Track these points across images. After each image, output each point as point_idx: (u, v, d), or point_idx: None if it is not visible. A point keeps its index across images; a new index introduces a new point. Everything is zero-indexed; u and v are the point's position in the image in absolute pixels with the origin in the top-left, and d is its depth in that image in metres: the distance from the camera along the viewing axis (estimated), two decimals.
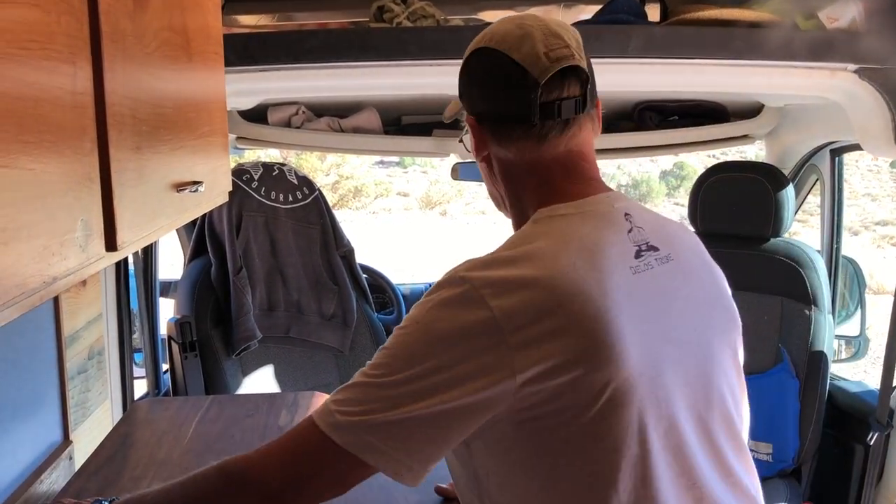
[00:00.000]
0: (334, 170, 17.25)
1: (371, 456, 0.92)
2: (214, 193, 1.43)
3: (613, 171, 18.91)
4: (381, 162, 19.05)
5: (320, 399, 1.75)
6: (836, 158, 2.61)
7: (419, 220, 16.63)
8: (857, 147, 2.47)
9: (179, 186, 1.18)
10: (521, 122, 1.04)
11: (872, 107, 1.84)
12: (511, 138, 1.06)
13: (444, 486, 1.42)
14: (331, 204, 2.57)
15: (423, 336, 0.94)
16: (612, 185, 1.15)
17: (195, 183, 1.22)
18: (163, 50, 1.11)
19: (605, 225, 1.01)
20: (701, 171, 2.86)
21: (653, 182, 18.38)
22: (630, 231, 1.02)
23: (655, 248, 1.02)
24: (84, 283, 1.76)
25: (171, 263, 3.14)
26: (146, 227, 1.04)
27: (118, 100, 0.92)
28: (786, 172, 2.68)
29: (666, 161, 18.59)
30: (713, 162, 2.86)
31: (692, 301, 1.04)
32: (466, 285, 0.93)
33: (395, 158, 18.80)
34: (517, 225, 1.09)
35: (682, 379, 0.99)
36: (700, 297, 1.06)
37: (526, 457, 0.94)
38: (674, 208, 17.27)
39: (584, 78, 1.05)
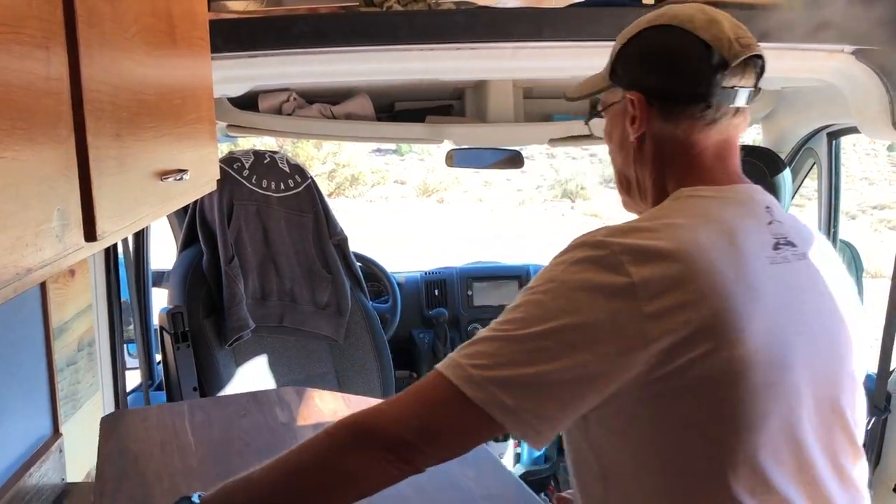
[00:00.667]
0: (331, 158, 17.17)
1: (500, 413, 0.91)
2: (202, 182, 1.41)
3: (605, 156, 18.82)
4: (378, 150, 18.98)
5: (309, 393, 1.72)
6: (834, 142, 2.59)
7: (416, 208, 16.59)
8: (854, 130, 2.45)
9: (164, 174, 1.15)
10: (697, 101, 1.04)
11: (870, 89, 1.82)
12: (682, 117, 1.05)
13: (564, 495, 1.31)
14: (327, 192, 2.55)
15: (561, 292, 0.93)
16: (609, 172, 1.15)
17: (180, 171, 1.20)
18: (144, 35, 1.08)
19: (746, 213, 1.02)
20: None
21: None
22: (770, 223, 1.03)
23: (793, 244, 1.02)
24: (72, 273, 1.74)
25: (167, 252, 3.12)
26: (128, 216, 1.01)
27: (96, 86, 0.90)
28: (782, 156, 2.66)
29: None
30: None
31: (825, 302, 1.04)
32: (606, 250, 0.93)
33: (392, 146, 18.72)
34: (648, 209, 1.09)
35: (810, 376, 0.98)
36: (831, 301, 1.05)
37: (645, 434, 0.94)
38: None
39: (761, 70, 1.07)
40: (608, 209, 16.46)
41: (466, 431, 0.94)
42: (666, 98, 1.06)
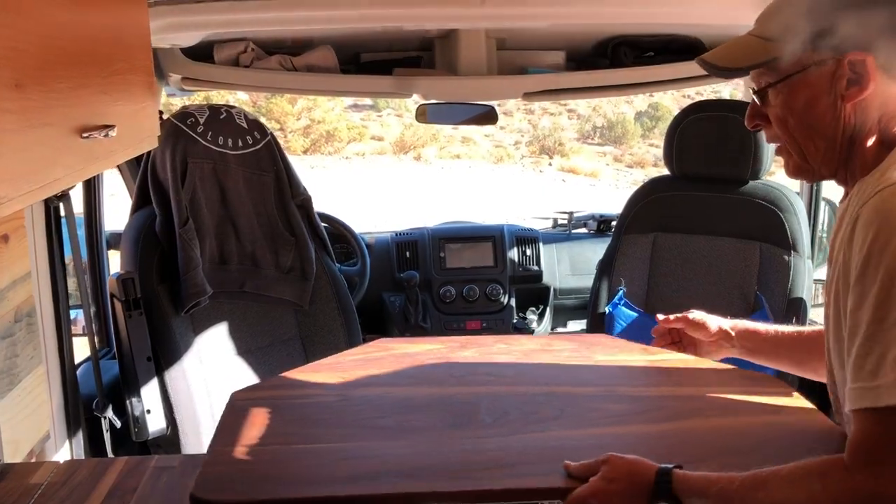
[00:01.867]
0: (305, 114, 16.90)
1: None
2: (137, 139, 1.28)
3: (588, 112, 18.72)
4: (355, 105, 18.70)
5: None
6: None
7: (393, 165, 16.39)
8: None
9: (85, 131, 1.02)
10: None
11: None
12: None
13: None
14: (302, 149, 2.41)
15: None
16: (588, 127, 1.04)
17: (105, 127, 1.07)
18: None
19: None
20: (676, 111, 2.74)
21: (628, 123, 18.23)
22: None
23: None
24: (6, 238, 1.61)
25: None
26: (37, 178, 0.89)
27: None
28: None
29: (641, 102, 18.42)
30: (687, 102, 2.74)
31: None
32: None
33: (369, 102, 18.44)
34: (872, 164, 1.04)
35: None
36: None
37: None
38: (648, 149, 17.19)
39: None
40: (586, 165, 16.38)
41: None
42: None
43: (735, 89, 2.84)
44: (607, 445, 1.13)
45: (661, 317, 1.53)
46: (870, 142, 1.05)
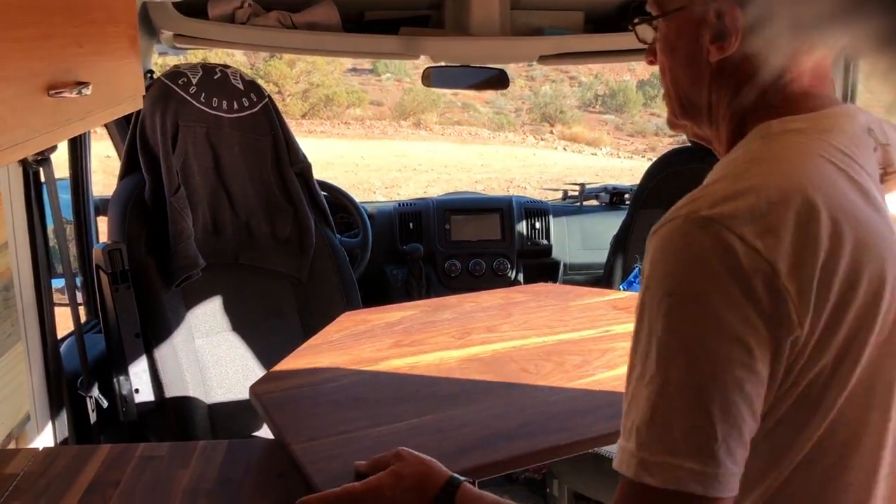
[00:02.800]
0: (304, 77, 16.63)
1: None
2: (117, 99, 1.14)
3: (590, 80, 18.47)
4: (354, 69, 18.42)
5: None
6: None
7: (392, 130, 16.18)
8: None
9: (53, 88, 0.89)
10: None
11: None
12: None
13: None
14: (301, 113, 2.27)
15: None
16: (589, 95, 0.91)
17: (78, 84, 0.93)
18: None
19: (849, 143, 0.82)
20: None
21: (630, 92, 17.98)
22: (875, 149, 0.85)
23: None
24: None
25: None
26: None
27: None
28: None
29: (644, 70, 18.15)
30: None
31: None
32: None
33: (369, 66, 18.16)
34: (727, 140, 0.90)
35: None
36: None
37: None
38: (650, 119, 16.98)
39: None
40: (587, 133, 16.20)
41: None
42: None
43: None
44: None
45: None
46: (729, 112, 0.90)
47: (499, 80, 2.45)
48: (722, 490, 0.70)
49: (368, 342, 1.63)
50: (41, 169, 1.73)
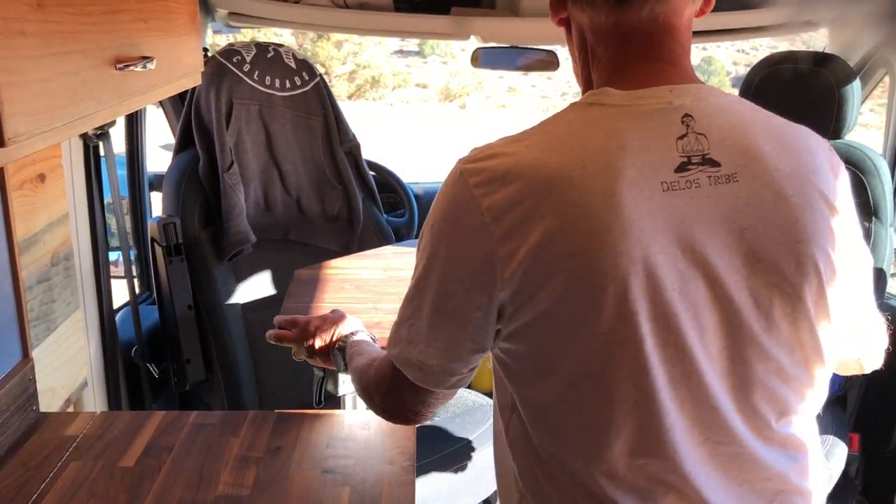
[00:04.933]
0: (351, 59, 16.68)
1: None
2: (178, 74, 1.17)
3: None
4: (400, 51, 18.42)
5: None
6: None
7: (438, 113, 16.16)
8: None
9: (120, 62, 0.92)
10: None
11: None
12: None
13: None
14: (347, 94, 2.29)
15: None
16: None
17: (143, 58, 0.96)
18: None
19: (648, 126, 0.82)
20: (729, 66, 2.54)
21: None
22: (682, 137, 0.82)
23: (714, 163, 0.82)
24: (42, 178, 1.52)
25: None
26: (62, 113, 0.78)
27: None
28: (851, 65, 2.36)
29: (694, 54, 17.83)
30: (743, 58, 2.53)
31: (748, 236, 0.81)
32: None
33: (415, 48, 18.14)
34: None
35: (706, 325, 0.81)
36: (763, 235, 0.82)
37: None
38: None
39: None
40: None
41: None
42: None
43: (799, 45, 2.61)
44: None
45: None
46: (580, 82, 0.94)
47: (548, 62, 2.43)
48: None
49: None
50: (101, 143, 1.78)
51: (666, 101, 0.83)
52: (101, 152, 1.80)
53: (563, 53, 2.38)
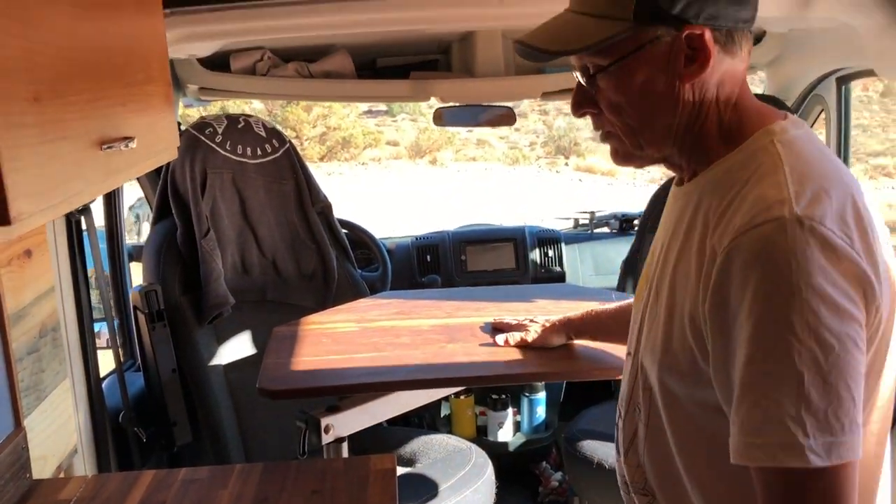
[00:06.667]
0: (321, 121, 16.94)
1: None
2: (155, 150, 1.27)
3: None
4: (370, 111, 18.74)
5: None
6: (843, 87, 2.44)
7: (409, 169, 16.39)
8: (865, 74, 2.30)
9: (105, 143, 1.01)
10: (749, 24, 0.95)
11: (890, 26, 1.67)
12: (741, 43, 0.95)
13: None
14: (319, 156, 2.40)
15: None
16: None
17: (125, 138, 1.05)
18: None
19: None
20: None
21: None
22: None
23: None
24: (28, 253, 1.60)
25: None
26: (57, 193, 0.88)
27: (5, 39, 0.76)
28: (788, 104, 2.52)
29: None
30: None
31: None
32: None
33: (383, 107, 18.45)
34: (692, 150, 0.99)
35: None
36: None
37: None
38: None
39: None
40: (602, 164, 16.30)
41: None
42: (730, 27, 0.93)
43: (761, 83, 2.78)
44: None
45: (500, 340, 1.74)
46: (709, 123, 0.96)
47: (506, 117, 2.57)
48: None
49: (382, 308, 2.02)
50: (82, 217, 1.87)
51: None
52: (83, 226, 1.88)
53: (518, 109, 2.51)
